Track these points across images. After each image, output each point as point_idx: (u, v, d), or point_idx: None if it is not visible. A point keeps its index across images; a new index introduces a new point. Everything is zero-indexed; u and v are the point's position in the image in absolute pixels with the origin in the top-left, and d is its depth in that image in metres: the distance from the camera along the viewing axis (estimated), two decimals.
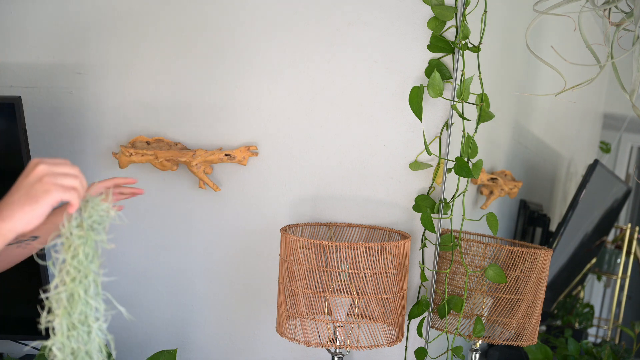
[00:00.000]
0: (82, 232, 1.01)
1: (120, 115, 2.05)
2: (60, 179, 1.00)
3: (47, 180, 0.99)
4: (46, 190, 0.99)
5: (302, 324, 1.70)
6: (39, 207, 0.99)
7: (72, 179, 1.01)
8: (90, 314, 1.02)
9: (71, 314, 1.00)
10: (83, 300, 1.01)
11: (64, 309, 1.00)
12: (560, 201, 2.39)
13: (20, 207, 0.98)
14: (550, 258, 1.80)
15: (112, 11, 2.02)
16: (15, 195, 1.00)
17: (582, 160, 2.40)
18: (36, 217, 0.99)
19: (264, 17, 1.92)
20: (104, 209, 1.03)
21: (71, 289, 1.00)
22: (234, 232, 2.00)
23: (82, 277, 1.01)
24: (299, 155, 1.93)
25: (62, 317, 1.00)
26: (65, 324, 1.01)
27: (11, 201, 0.99)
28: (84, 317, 1.01)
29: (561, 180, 2.44)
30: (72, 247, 1.01)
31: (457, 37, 1.76)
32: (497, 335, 1.82)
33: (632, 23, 1.57)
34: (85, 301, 1.01)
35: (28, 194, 0.99)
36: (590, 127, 2.46)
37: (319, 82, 1.90)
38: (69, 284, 1.00)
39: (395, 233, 1.83)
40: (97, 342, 1.03)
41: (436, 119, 1.83)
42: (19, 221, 0.98)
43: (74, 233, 1.01)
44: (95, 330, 1.02)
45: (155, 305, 2.09)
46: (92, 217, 1.02)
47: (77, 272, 1.00)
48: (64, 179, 1.01)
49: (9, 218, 0.98)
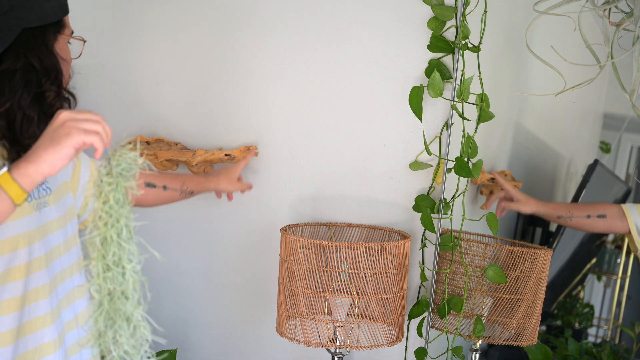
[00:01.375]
0: (111, 179, 1.07)
1: (120, 115, 2.05)
2: (81, 124, 1.07)
3: (69, 124, 1.06)
4: (68, 134, 1.06)
5: (302, 324, 1.70)
6: (61, 149, 1.06)
7: (94, 124, 1.07)
8: (124, 256, 1.07)
9: (105, 257, 1.06)
10: (116, 242, 1.06)
11: (98, 252, 1.06)
12: (560, 201, 2.39)
13: (45, 150, 1.06)
14: (550, 258, 1.80)
15: (112, 12, 2.02)
16: (42, 140, 1.07)
17: (582, 160, 2.40)
18: (60, 159, 1.06)
19: (264, 17, 1.92)
20: (132, 157, 1.08)
21: (104, 233, 1.06)
22: (234, 232, 2.00)
23: (114, 222, 1.06)
24: (299, 155, 1.93)
25: (97, 260, 1.06)
26: (101, 266, 1.07)
27: (38, 146, 1.07)
28: (118, 259, 1.07)
29: (561, 180, 2.44)
30: (103, 194, 1.07)
31: (457, 37, 1.76)
32: (497, 335, 1.82)
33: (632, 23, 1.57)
34: (118, 244, 1.07)
35: (52, 138, 1.06)
36: (590, 127, 2.46)
37: (319, 82, 1.90)
38: (102, 228, 1.06)
39: (395, 233, 1.83)
40: (132, 282, 1.08)
41: (436, 119, 1.83)
42: (44, 163, 1.06)
43: (104, 180, 1.07)
44: (129, 271, 1.08)
45: (155, 305, 2.08)
46: (121, 165, 1.07)
47: (109, 217, 1.06)
48: (86, 123, 1.07)
49: (35, 161, 1.06)
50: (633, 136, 2.34)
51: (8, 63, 1.26)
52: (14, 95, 1.26)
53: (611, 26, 1.59)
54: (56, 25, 1.34)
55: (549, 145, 2.40)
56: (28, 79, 1.28)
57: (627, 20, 1.57)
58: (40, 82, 1.29)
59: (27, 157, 1.07)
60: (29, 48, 1.28)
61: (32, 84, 1.28)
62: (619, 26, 1.58)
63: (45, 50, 1.31)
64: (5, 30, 1.25)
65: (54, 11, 1.32)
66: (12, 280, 1.30)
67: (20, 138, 1.28)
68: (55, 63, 1.32)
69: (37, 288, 1.34)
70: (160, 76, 2.01)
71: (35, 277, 1.35)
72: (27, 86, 1.28)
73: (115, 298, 1.08)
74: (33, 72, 1.28)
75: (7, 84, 1.26)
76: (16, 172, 1.06)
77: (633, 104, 1.60)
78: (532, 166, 2.33)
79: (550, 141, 2.40)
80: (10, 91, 1.26)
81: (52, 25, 1.32)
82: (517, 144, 2.28)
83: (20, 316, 1.32)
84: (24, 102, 1.27)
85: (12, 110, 1.27)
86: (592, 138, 2.44)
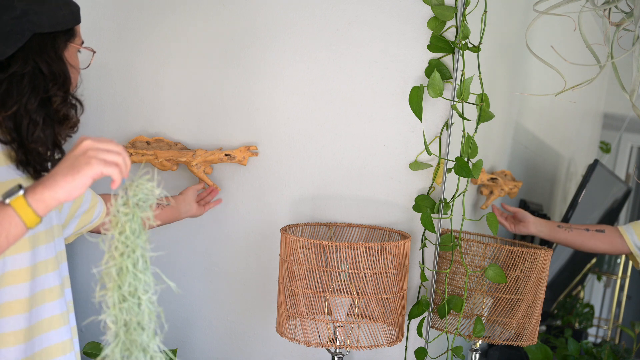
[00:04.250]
0: (128, 209, 1.06)
1: (120, 115, 2.05)
2: (102, 154, 1.07)
3: (90, 154, 1.07)
4: (87, 163, 1.06)
5: (302, 324, 1.70)
6: (80, 177, 1.06)
7: (115, 155, 1.08)
8: (140, 286, 1.07)
9: (121, 287, 1.06)
10: (132, 273, 1.06)
11: (114, 282, 1.06)
12: (560, 201, 2.39)
13: (63, 177, 1.06)
14: (550, 258, 1.80)
15: (112, 12, 2.02)
16: (61, 166, 1.07)
17: (582, 160, 2.40)
18: (76, 187, 1.06)
19: (263, 17, 1.92)
20: (149, 187, 1.08)
21: (120, 263, 1.06)
22: (234, 232, 2.00)
23: (130, 252, 1.06)
24: (299, 155, 1.93)
25: (113, 291, 1.06)
26: (117, 297, 1.06)
27: (56, 172, 1.07)
28: (134, 289, 1.06)
29: (561, 180, 2.43)
30: (120, 224, 1.06)
31: (457, 37, 1.76)
32: (497, 335, 1.82)
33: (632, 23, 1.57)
34: (133, 274, 1.06)
35: (71, 166, 1.06)
36: (590, 127, 2.46)
37: (319, 82, 1.90)
38: (118, 258, 1.06)
39: (395, 233, 1.83)
40: (147, 313, 1.08)
41: (436, 119, 1.83)
42: (61, 190, 1.06)
43: (120, 210, 1.06)
44: (145, 302, 1.07)
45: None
46: (138, 196, 1.07)
47: (125, 247, 1.06)
48: (107, 154, 1.07)
49: (52, 187, 1.06)
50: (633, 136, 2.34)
51: (17, 67, 1.28)
52: (21, 98, 1.28)
53: (611, 26, 1.59)
54: (67, 33, 1.36)
55: (549, 145, 2.40)
56: (36, 83, 1.29)
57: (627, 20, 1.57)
58: (48, 87, 1.31)
59: (44, 182, 1.07)
60: (39, 53, 1.30)
61: (40, 88, 1.30)
62: (619, 26, 1.58)
63: (54, 56, 1.33)
64: (17, 33, 1.27)
65: (65, 19, 1.34)
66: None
67: (26, 142, 1.30)
68: (64, 69, 1.34)
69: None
70: (160, 76, 2.00)
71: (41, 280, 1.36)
72: (35, 90, 1.29)
73: (132, 329, 1.08)
74: (41, 76, 1.30)
75: (15, 87, 1.28)
76: (32, 197, 1.06)
77: (633, 104, 1.60)
78: (532, 166, 2.32)
79: (550, 141, 2.40)
80: (17, 94, 1.28)
81: (63, 33, 1.34)
82: (517, 144, 2.28)
83: (29, 316, 1.34)
84: (31, 106, 1.29)
85: (19, 113, 1.29)
86: (592, 138, 2.44)
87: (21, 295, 1.32)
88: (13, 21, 1.27)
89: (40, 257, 1.36)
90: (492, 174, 2.05)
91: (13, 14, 1.27)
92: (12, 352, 1.31)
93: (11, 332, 1.31)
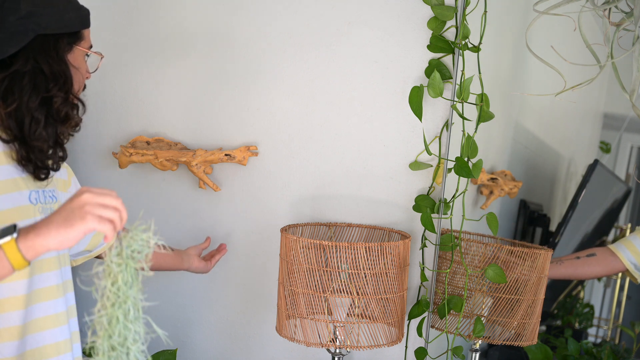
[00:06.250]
0: (121, 260, 1.07)
1: (120, 115, 2.05)
2: (98, 210, 1.06)
3: (87, 209, 1.06)
4: (82, 219, 1.06)
5: (302, 324, 1.70)
6: (72, 231, 1.06)
7: (111, 212, 1.07)
8: (130, 336, 1.08)
9: (111, 336, 1.07)
10: (122, 323, 1.07)
11: (104, 331, 1.07)
12: (560, 201, 2.40)
13: (57, 228, 1.06)
14: (550, 258, 1.80)
15: (112, 12, 2.02)
16: (57, 215, 1.07)
17: (582, 160, 2.40)
18: (69, 239, 1.06)
19: (263, 17, 1.92)
20: (144, 238, 1.08)
21: (111, 314, 1.07)
22: (234, 232, 2.00)
23: (122, 302, 1.07)
24: (299, 155, 1.93)
25: (103, 339, 1.07)
26: (106, 345, 1.07)
27: (51, 220, 1.07)
28: (123, 339, 1.08)
29: (561, 180, 2.44)
30: (112, 274, 1.07)
31: (457, 37, 1.76)
32: (497, 335, 1.82)
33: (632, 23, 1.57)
34: (124, 325, 1.07)
35: (67, 218, 1.06)
36: (590, 127, 2.46)
37: (319, 82, 1.90)
38: (109, 308, 1.07)
39: (395, 233, 1.83)
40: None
41: (436, 119, 1.83)
42: (53, 240, 1.06)
43: (113, 261, 1.07)
44: (133, 352, 1.09)
45: (155, 305, 2.08)
46: (132, 247, 1.07)
47: (117, 298, 1.07)
48: (103, 210, 1.07)
49: (44, 235, 1.06)
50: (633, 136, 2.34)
51: (18, 65, 1.30)
52: (22, 96, 1.30)
53: (611, 26, 1.59)
54: (72, 36, 1.38)
55: (549, 145, 2.40)
56: (36, 82, 1.31)
57: (627, 20, 1.57)
58: (48, 87, 1.33)
59: (38, 229, 1.07)
60: (40, 53, 1.32)
61: (40, 87, 1.32)
62: (619, 26, 1.58)
63: (56, 57, 1.35)
64: (21, 33, 1.29)
65: (72, 22, 1.36)
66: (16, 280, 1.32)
67: (29, 139, 1.31)
68: (65, 70, 1.36)
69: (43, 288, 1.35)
70: (160, 76, 2.00)
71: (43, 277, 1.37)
72: (35, 89, 1.31)
73: None
74: (41, 76, 1.32)
75: (16, 85, 1.30)
76: (23, 242, 1.06)
77: (633, 104, 1.61)
78: (532, 166, 2.33)
79: (550, 141, 2.40)
80: (18, 92, 1.30)
81: (67, 35, 1.36)
82: (517, 144, 2.28)
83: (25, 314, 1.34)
84: (32, 105, 1.31)
85: (20, 111, 1.30)
86: (592, 138, 2.44)
87: (19, 292, 1.33)
88: (18, 22, 1.29)
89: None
90: (492, 174, 2.05)
91: (18, 15, 1.29)
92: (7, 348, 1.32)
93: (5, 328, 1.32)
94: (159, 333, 1.09)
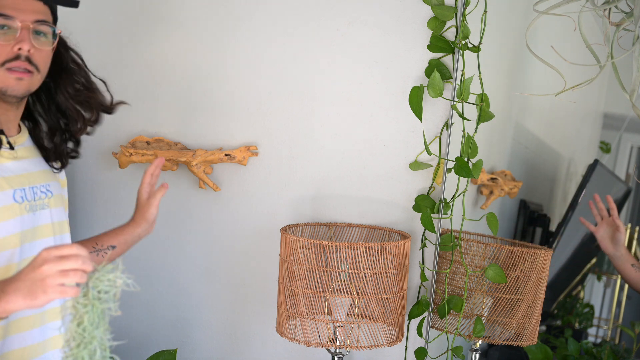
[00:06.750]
0: (87, 301, 1.07)
1: (120, 115, 2.04)
2: (60, 278, 1.06)
3: (48, 282, 1.06)
4: (44, 292, 1.06)
5: (302, 324, 1.70)
6: (37, 302, 1.08)
7: (74, 276, 1.06)
8: None
9: None
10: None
11: None
12: (560, 201, 2.39)
13: (22, 297, 1.08)
14: (550, 258, 1.80)
15: (112, 12, 2.02)
16: (20, 283, 1.09)
17: (582, 160, 2.40)
18: (36, 306, 1.08)
19: (263, 17, 1.92)
20: (111, 279, 1.08)
21: (76, 354, 1.08)
22: (234, 232, 2.00)
23: (87, 343, 1.08)
24: (299, 155, 1.93)
25: None
26: None
27: (15, 287, 1.09)
28: None
29: (561, 180, 2.43)
30: (78, 315, 1.08)
31: (457, 37, 1.76)
32: (497, 335, 1.82)
33: (632, 23, 1.57)
34: None
35: (29, 289, 1.07)
36: (590, 127, 2.46)
37: (319, 82, 1.90)
38: (74, 349, 1.08)
39: (395, 233, 1.83)
40: None
41: (436, 119, 1.83)
42: (16, 306, 1.09)
43: (79, 302, 1.08)
44: None
45: (155, 305, 2.09)
46: (98, 287, 1.08)
47: (82, 339, 1.08)
48: (66, 278, 1.06)
49: (9, 302, 1.09)
50: (633, 136, 2.34)
51: None
52: None
53: (611, 26, 1.59)
54: None
55: (549, 145, 2.40)
56: None
57: (627, 20, 1.57)
58: None
59: (7, 295, 1.09)
60: None
61: None
62: (619, 26, 1.58)
63: None
64: None
65: None
66: None
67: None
68: None
69: None
70: (160, 76, 2.00)
71: None
72: None
73: None
74: None
75: None
76: None
77: (633, 104, 1.60)
78: (532, 166, 2.32)
79: (550, 141, 2.40)
80: None
81: None
82: (517, 144, 2.28)
83: None
84: None
85: None
86: (592, 138, 2.44)
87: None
88: None
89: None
90: (492, 174, 2.05)
91: None
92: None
93: None
94: None
